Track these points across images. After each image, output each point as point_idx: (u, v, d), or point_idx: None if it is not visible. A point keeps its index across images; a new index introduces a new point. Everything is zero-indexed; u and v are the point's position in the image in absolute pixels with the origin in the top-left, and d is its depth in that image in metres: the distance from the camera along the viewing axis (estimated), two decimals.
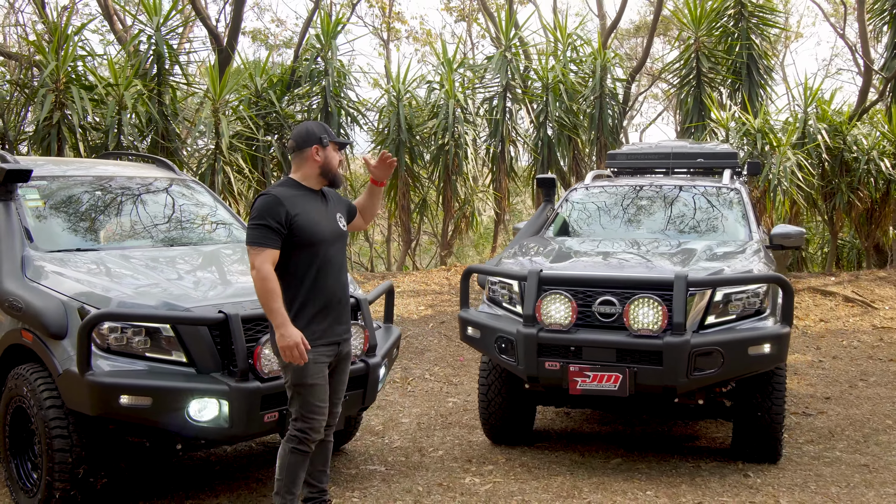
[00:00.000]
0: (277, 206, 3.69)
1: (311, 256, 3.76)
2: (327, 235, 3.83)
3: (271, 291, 3.61)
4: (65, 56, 8.99)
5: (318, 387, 3.78)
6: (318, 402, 3.78)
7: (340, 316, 3.90)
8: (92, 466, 4.21)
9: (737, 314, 4.91)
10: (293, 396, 3.80)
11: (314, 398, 3.77)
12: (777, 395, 5.04)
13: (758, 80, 12.42)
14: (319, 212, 3.85)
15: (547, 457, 5.48)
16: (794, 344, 9.53)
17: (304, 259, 3.75)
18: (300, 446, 3.80)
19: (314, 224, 3.77)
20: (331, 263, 3.83)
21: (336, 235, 3.90)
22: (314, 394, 3.77)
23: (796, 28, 26.40)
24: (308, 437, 3.79)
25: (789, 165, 10.81)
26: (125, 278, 4.54)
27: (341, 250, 3.95)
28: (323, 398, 3.80)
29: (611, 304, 4.91)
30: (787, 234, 6.07)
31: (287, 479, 3.82)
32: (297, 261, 3.74)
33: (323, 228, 3.82)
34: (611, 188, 6.89)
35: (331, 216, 3.92)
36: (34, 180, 5.27)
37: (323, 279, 3.79)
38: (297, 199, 3.78)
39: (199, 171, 10.10)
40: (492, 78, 12.14)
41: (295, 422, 3.81)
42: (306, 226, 3.73)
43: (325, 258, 3.80)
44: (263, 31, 21.44)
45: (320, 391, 3.79)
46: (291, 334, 3.60)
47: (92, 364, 4.00)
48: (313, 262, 3.76)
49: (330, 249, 3.84)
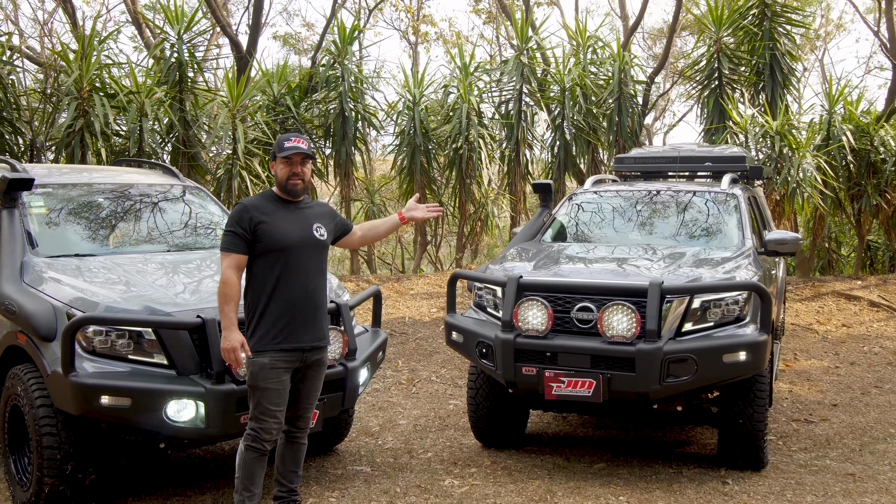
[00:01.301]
0: (244, 213, 3.93)
1: (274, 262, 3.91)
2: (294, 242, 3.95)
3: (224, 295, 3.83)
4: (87, 64, 9.30)
5: (272, 391, 3.90)
6: (271, 406, 3.91)
7: (308, 322, 3.99)
8: (80, 463, 4.41)
9: (715, 321, 4.92)
10: (249, 397, 3.97)
11: (266, 401, 3.90)
12: (759, 402, 5.03)
13: (781, 80, 12.23)
14: (289, 220, 4.00)
15: (532, 460, 5.55)
16: (811, 349, 9.40)
17: (267, 264, 3.92)
18: (254, 444, 3.95)
19: (279, 231, 3.92)
20: (297, 270, 3.95)
21: (307, 243, 4.01)
22: (267, 397, 3.90)
23: (837, 22, 25.84)
24: (260, 436, 3.93)
25: (809, 168, 10.64)
26: (116, 283, 4.74)
27: (314, 258, 4.05)
28: (276, 402, 3.92)
29: (588, 310, 4.96)
30: (782, 241, 6.03)
31: (244, 476, 3.98)
32: (261, 266, 3.93)
33: (290, 236, 3.95)
34: (608, 193, 6.91)
35: (305, 225, 4.04)
36: (39, 188, 5.52)
37: (287, 285, 3.93)
38: (267, 207, 3.98)
39: (216, 176, 10.35)
40: (507, 81, 12.19)
41: (250, 421, 3.98)
42: (269, 232, 3.90)
43: (290, 265, 3.93)
44: (294, 35, 21.77)
45: (273, 395, 3.90)
46: (232, 339, 3.81)
47: (76, 365, 4.20)
48: (275, 268, 3.91)
49: (298, 257, 3.96)
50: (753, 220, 6.71)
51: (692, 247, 5.97)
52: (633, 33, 15.16)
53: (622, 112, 12.11)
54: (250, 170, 10.32)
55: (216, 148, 10.47)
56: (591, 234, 6.57)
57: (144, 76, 10.16)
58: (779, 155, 10.73)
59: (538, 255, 5.82)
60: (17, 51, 11.03)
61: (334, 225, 4.26)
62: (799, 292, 12.08)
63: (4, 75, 9.58)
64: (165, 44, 10.61)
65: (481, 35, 22.78)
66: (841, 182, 12.18)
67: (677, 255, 5.61)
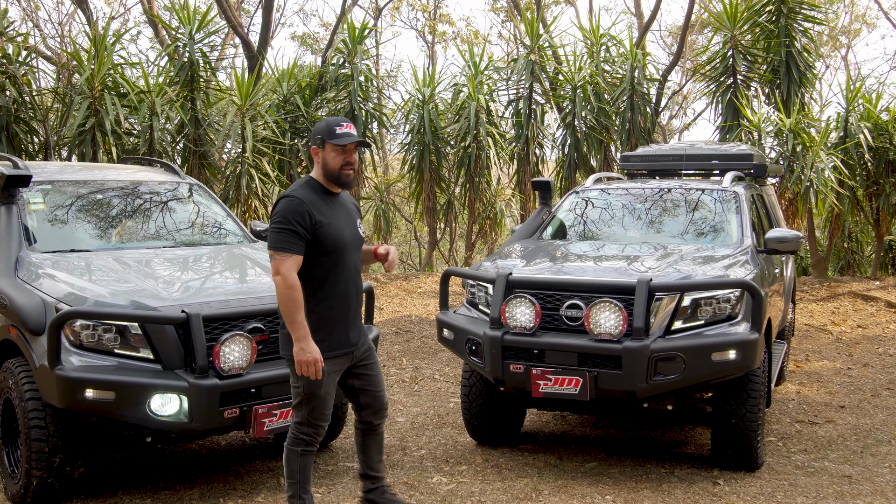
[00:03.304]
0: (303, 209, 3.63)
1: (325, 263, 3.71)
2: (347, 243, 3.79)
3: (295, 301, 3.55)
4: (99, 64, 9.42)
5: (329, 396, 3.83)
6: (326, 411, 3.86)
7: (353, 322, 3.90)
8: (69, 456, 4.47)
9: (706, 319, 4.86)
10: (302, 402, 3.83)
11: (322, 407, 3.84)
12: (751, 402, 4.96)
13: (797, 78, 12.06)
14: (339, 217, 3.79)
15: (524, 459, 5.52)
16: (824, 350, 9.26)
17: (317, 265, 3.69)
18: (309, 447, 3.90)
19: (337, 232, 3.73)
20: (345, 271, 3.79)
21: (355, 243, 3.86)
22: (323, 403, 3.83)
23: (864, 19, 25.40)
24: (314, 440, 3.89)
25: (823, 166, 10.48)
26: (107, 279, 4.79)
27: (355, 256, 3.90)
28: (330, 404, 3.87)
29: (577, 308, 4.92)
30: (782, 239, 5.92)
31: (302, 479, 3.90)
32: (317, 267, 3.70)
33: (346, 235, 3.79)
34: (608, 191, 6.86)
35: (351, 222, 3.87)
36: (39, 185, 5.61)
37: (335, 287, 3.78)
38: (318, 203, 3.72)
39: (225, 174, 10.43)
40: (518, 80, 12.15)
41: (300, 425, 3.87)
42: (329, 234, 3.69)
43: (340, 265, 3.76)
44: (312, 35, 21.88)
45: (329, 400, 3.85)
46: (311, 350, 3.59)
47: (62, 359, 4.26)
48: (326, 269, 3.72)
49: (348, 257, 3.80)
50: (757, 219, 6.62)
51: (689, 244, 5.91)
52: (647, 31, 15.03)
53: (635, 110, 12.01)
54: (259, 168, 10.39)
55: (227, 145, 10.55)
56: (588, 231, 6.52)
57: (156, 76, 10.26)
58: (792, 153, 10.57)
59: (532, 252, 5.79)
60: (34, 50, 11.19)
61: (361, 218, 4.08)
62: (814, 292, 11.89)
63: (20, 75, 9.74)
64: (178, 43, 10.72)
65: (500, 34, 22.76)
66: (859, 181, 11.98)
67: (672, 253, 5.55)
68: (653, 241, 6.09)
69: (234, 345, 4.37)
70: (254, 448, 5.81)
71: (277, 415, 4.53)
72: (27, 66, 10.16)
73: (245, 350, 4.41)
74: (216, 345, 4.32)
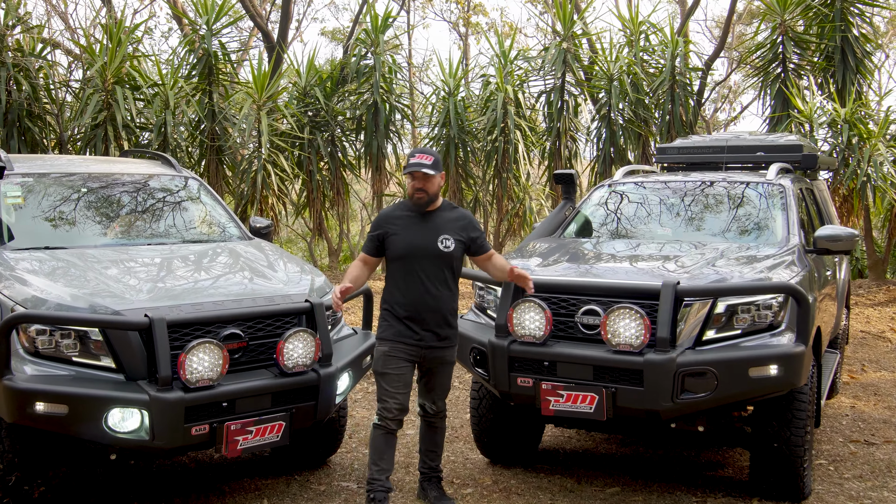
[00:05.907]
0: (378, 221, 4.47)
1: (399, 267, 4.33)
2: (416, 252, 4.29)
3: (347, 270, 4.52)
4: (111, 56, 9.11)
5: (390, 375, 4.28)
6: (389, 388, 4.28)
7: (426, 323, 4.28)
8: (26, 474, 4.06)
9: (743, 329, 4.24)
10: (376, 381, 4.36)
11: (386, 383, 4.28)
12: (797, 422, 4.33)
13: (853, 65, 11.21)
14: (416, 230, 4.33)
15: (538, 481, 4.96)
16: (882, 359, 8.53)
17: (395, 267, 4.37)
18: (380, 422, 4.31)
19: (404, 241, 4.32)
20: (417, 276, 4.27)
21: (428, 253, 4.29)
22: (387, 380, 4.29)
23: None
24: (383, 415, 4.28)
25: (881, 160, 9.65)
26: (77, 280, 4.36)
27: (434, 266, 4.30)
28: (395, 385, 4.27)
29: (595, 314, 4.34)
30: (834, 237, 5.24)
31: (372, 451, 4.33)
32: (392, 268, 4.39)
33: (414, 245, 4.30)
34: (640, 185, 6.24)
35: (430, 235, 4.31)
36: (17, 177, 5.23)
37: (407, 288, 4.29)
38: (400, 217, 4.38)
39: (241, 169, 10.05)
40: (549, 70, 11.53)
41: (378, 402, 4.34)
42: (395, 242, 4.33)
43: (411, 270, 4.29)
44: (343, 29, 21.47)
45: (392, 379, 4.28)
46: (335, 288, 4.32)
47: (12, 368, 3.83)
48: (400, 272, 4.33)
49: (420, 264, 4.28)
50: (806, 216, 5.94)
51: (728, 243, 5.27)
52: (690, 18, 14.25)
53: (675, 102, 11.31)
54: (277, 164, 9.97)
55: (241, 140, 10.16)
56: (616, 228, 5.91)
57: (173, 70, 9.92)
58: (847, 145, 9.76)
59: (549, 251, 5.21)
60: (51, 43, 10.95)
61: (467, 238, 4.38)
62: (871, 296, 11.08)
63: (35, 69, 9.48)
64: (196, 35, 10.38)
65: (537, 26, 22.10)
66: None
67: (707, 253, 4.92)
68: (687, 240, 5.47)
69: (201, 353, 3.90)
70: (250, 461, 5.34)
71: (253, 432, 4.06)
72: (44, 59, 9.90)
73: (215, 359, 3.94)
74: (181, 353, 3.85)
